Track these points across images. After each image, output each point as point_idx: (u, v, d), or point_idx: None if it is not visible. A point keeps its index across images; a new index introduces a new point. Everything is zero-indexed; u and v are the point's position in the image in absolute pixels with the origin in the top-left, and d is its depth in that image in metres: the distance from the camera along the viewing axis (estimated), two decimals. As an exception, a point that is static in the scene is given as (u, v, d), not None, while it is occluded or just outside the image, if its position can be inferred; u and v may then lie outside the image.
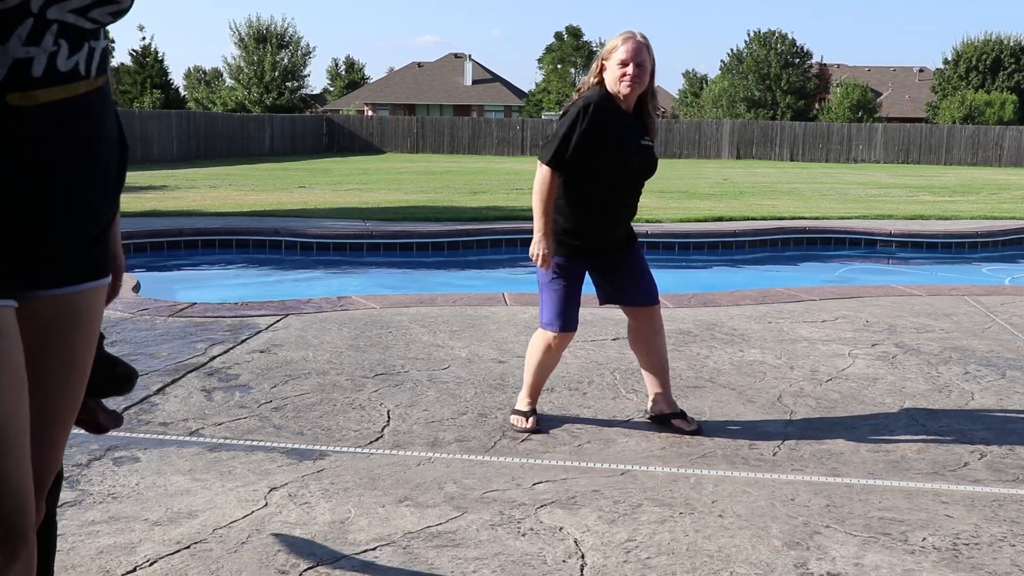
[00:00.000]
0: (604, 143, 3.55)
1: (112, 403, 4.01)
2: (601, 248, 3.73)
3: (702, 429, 3.76)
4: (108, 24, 1.45)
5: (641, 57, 3.55)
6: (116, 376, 1.79)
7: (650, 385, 3.87)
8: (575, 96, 3.72)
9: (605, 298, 3.90)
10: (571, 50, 63.55)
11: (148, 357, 4.68)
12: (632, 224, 3.88)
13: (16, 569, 1.40)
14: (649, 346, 3.84)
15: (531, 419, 3.76)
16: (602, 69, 3.62)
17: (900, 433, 3.79)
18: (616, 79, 3.57)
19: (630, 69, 3.53)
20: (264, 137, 36.89)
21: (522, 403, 3.85)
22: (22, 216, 1.39)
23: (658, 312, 3.84)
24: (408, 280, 9.49)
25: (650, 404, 3.89)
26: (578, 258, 3.70)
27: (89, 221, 1.50)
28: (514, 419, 3.80)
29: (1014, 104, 49.29)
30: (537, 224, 3.60)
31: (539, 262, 3.64)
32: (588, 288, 3.86)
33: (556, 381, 4.42)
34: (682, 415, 3.81)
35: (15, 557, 1.39)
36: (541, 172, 3.57)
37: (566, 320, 3.73)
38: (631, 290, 3.80)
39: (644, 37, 3.61)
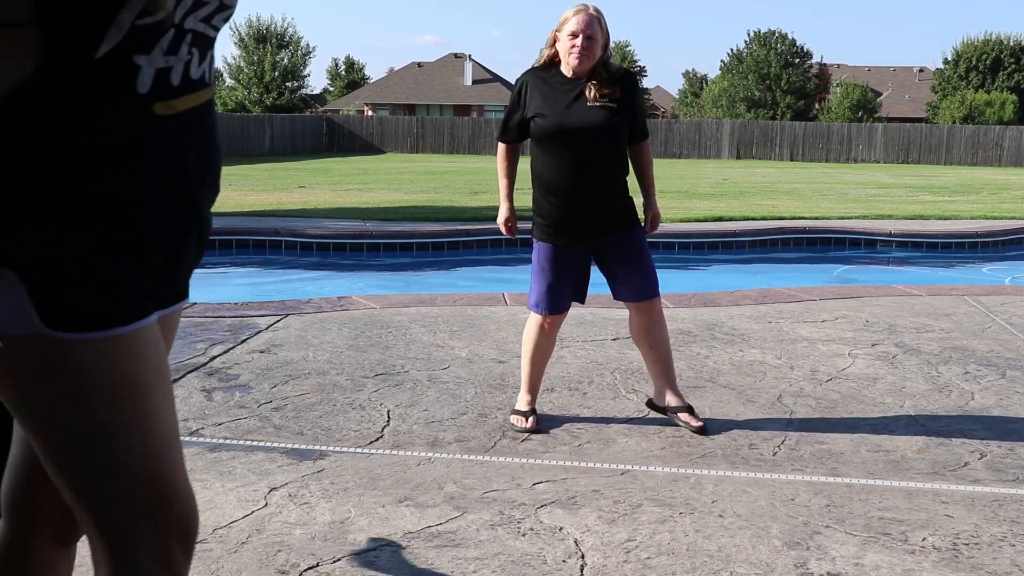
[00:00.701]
0: (539, 115, 3.62)
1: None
2: (581, 230, 3.66)
3: (707, 428, 3.76)
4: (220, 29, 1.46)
5: (592, 29, 3.55)
6: None
7: (655, 377, 3.87)
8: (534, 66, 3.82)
9: (613, 293, 3.87)
10: (571, 50, 63.43)
11: (148, 357, 4.67)
12: (632, 209, 3.76)
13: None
14: (649, 339, 3.80)
15: (531, 419, 3.76)
16: (555, 41, 3.66)
17: (900, 433, 3.79)
18: (566, 50, 3.60)
19: (579, 41, 3.55)
20: (264, 137, 36.88)
21: (521, 402, 3.84)
22: (156, 232, 1.36)
23: (657, 305, 3.78)
24: (408, 280, 9.49)
25: (655, 395, 3.88)
26: (559, 242, 3.68)
27: (202, 234, 1.47)
28: (514, 419, 3.79)
29: (1014, 104, 49.32)
30: (500, 192, 3.88)
31: (504, 230, 3.86)
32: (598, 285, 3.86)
33: (556, 381, 4.42)
34: (689, 409, 3.80)
35: (188, 561, 1.38)
36: (498, 148, 3.87)
37: (551, 302, 3.73)
38: (625, 284, 3.75)
39: (597, 10, 3.62)
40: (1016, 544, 2.77)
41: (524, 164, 3.84)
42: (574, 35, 3.56)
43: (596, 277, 3.87)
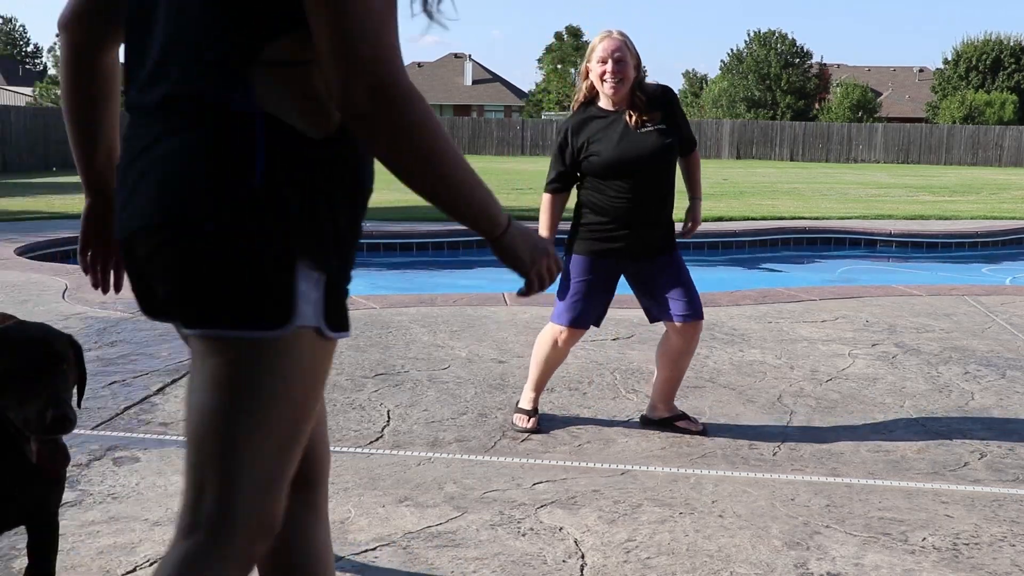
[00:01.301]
0: (592, 153, 3.59)
1: (113, 402, 4.01)
2: (625, 248, 3.63)
3: (707, 430, 3.75)
4: None
5: (620, 52, 3.53)
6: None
7: (656, 393, 3.83)
8: (574, 106, 3.76)
9: (650, 315, 3.79)
10: (571, 50, 63.51)
11: (148, 357, 4.68)
12: (673, 232, 3.73)
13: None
14: (676, 360, 3.74)
15: (532, 419, 3.75)
16: (588, 72, 3.63)
17: (900, 433, 3.79)
18: (599, 78, 3.58)
19: (609, 66, 3.53)
20: (264, 137, 36.81)
21: (525, 401, 3.84)
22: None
23: (698, 330, 3.71)
24: (408, 280, 9.49)
25: (649, 409, 3.87)
26: (599, 258, 3.65)
27: None
28: (516, 418, 3.79)
29: (1014, 104, 49.32)
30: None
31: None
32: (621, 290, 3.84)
33: (556, 381, 4.42)
34: (684, 416, 3.80)
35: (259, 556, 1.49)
36: (543, 197, 3.77)
37: (575, 316, 3.68)
38: (671, 302, 3.67)
39: (622, 34, 3.60)
40: (1016, 544, 2.77)
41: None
42: (603, 61, 3.54)
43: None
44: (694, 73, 69.32)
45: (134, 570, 2.49)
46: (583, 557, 2.63)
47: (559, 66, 62.84)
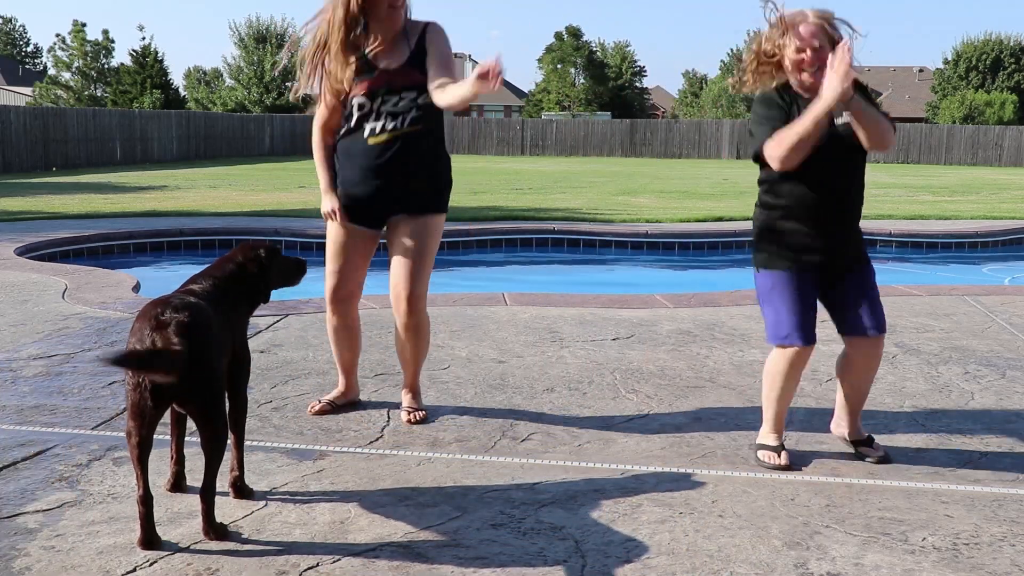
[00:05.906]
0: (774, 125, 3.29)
1: (113, 402, 4.01)
2: (814, 260, 3.33)
3: (890, 457, 3.49)
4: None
5: (819, 40, 3.22)
6: None
7: (839, 407, 3.59)
8: (750, 88, 3.45)
9: (837, 326, 3.47)
10: (571, 50, 63.54)
11: (148, 357, 4.67)
12: (857, 242, 3.44)
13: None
14: (857, 379, 3.48)
15: (783, 454, 3.43)
16: (779, 58, 3.29)
17: (900, 433, 3.79)
18: (795, 66, 3.26)
19: (808, 55, 3.22)
20: (264, 137, 36.91)
21: (768, 437, 3.51)
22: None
23: (879, 346, 3.39)
24: (408, 280, 9.46)
25: (833, 423, 3.66)
26: (791, 272, 3.34)
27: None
28: (763, 455, 3.45)
29: (1014, 104, 49.34)
30: None
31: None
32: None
33: (556, 381, 4.42)
34: (868, 442, 3.55)
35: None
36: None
37: (805, 331, 3.31)
38: (849, 315, 3.39)
39: (819, 15, 3.26)
40: (1016, 544, 2.77)
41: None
42: (800, 50, 3.22)
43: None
44: (694, 73, 69.30)
45: (134, 570, 2.49)
46: (583, 557, 2.63)
47: (559, 66, 62.81)
